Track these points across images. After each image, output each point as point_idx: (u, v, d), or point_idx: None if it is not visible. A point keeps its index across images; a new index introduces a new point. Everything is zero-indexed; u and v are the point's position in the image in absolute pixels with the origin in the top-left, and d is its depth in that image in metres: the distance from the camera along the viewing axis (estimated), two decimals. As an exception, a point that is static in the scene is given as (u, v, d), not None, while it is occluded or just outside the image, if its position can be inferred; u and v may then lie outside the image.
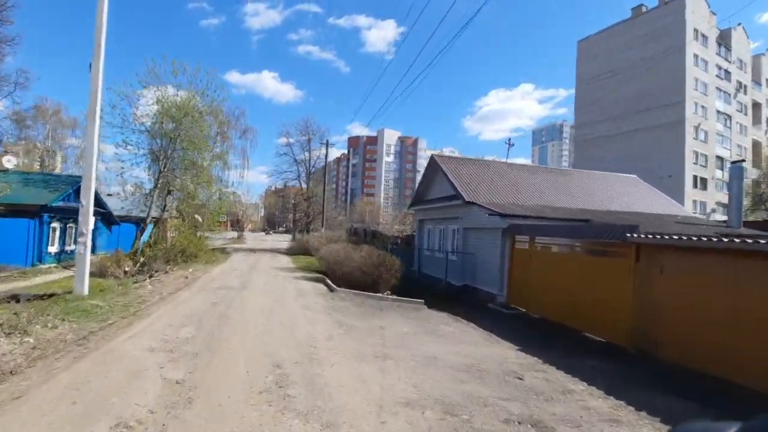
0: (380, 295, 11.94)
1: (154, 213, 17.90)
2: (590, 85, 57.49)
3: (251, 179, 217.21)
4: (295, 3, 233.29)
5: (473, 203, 14.66)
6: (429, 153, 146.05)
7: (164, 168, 18.33)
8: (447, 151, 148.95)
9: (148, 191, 18.99)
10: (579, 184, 18.57)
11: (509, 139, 26.56)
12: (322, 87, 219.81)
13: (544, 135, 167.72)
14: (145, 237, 18.53)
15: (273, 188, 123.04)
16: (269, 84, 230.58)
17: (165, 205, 18.18)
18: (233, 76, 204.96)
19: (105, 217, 25.07)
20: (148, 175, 19.64)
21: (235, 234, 54.97)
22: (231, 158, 35.62)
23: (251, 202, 79.06)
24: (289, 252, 29.68)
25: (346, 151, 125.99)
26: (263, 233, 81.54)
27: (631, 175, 21.53)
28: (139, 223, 19.08)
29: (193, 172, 19.61)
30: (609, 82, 54.93)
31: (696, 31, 49.81)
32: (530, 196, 16.28)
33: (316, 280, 14.64)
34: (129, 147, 18.07)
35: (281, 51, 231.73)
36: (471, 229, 15.23)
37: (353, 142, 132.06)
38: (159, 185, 18.17)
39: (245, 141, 44.38)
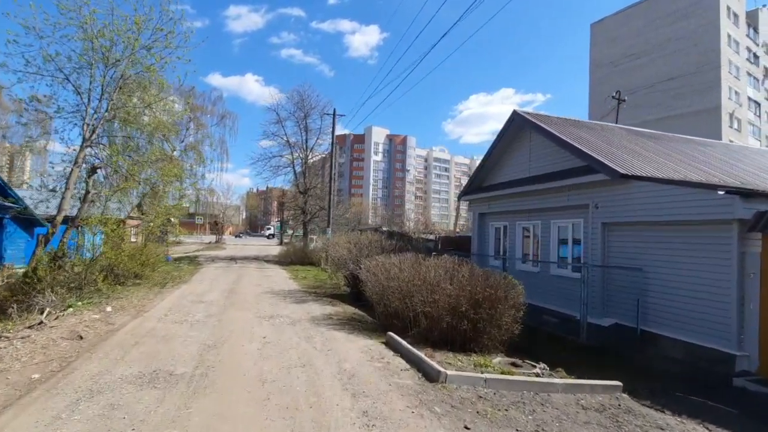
0: (538, 378, 5.27)
1: (69, 207, 10.83)
2: (606, 71, 52.58)
3: (232, 180, 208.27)
4: (278, 6, 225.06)
5: (637, 177, 8.19)
6: (419, 152, 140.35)
7: (91, 134, 11.37)
8: (437, 150, 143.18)
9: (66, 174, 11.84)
10: (735, 157, 12.42)
11: (618, 93, 19.51)
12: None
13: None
14: (78, 246, 11.50)
15: (255, 190, 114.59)
16: (253, 87, 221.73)
17: (88, 193, 11.11)
18: (215, 79, 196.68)
19: (22, 215, 17.62)
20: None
21: (213, 238, 47.20)
22: (207, 149, 28.18)
23: (232, 204, 71.06)
24: (282, 261, 22.58)
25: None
26: (234, 237, 72.13)
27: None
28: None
29: (139, 142, 12.72)
30: (629, 67, 50.14)
31: (728, 8, 45.13)
32: (693, 170, 9.93)
33: (358, 326, 7.81)
34: (41, 100, 11.19)
35: (264, 55, 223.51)
36: (621, 225, 8.78)
37: (339, 140, 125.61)
38: (79, 161, 11.13)
39: (223, 128, 36.92)
